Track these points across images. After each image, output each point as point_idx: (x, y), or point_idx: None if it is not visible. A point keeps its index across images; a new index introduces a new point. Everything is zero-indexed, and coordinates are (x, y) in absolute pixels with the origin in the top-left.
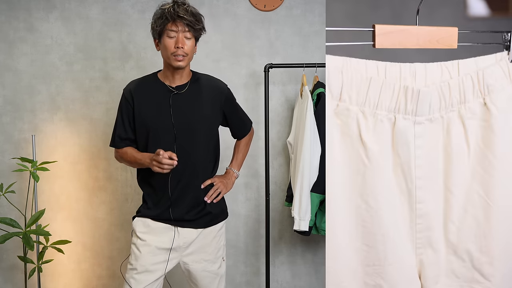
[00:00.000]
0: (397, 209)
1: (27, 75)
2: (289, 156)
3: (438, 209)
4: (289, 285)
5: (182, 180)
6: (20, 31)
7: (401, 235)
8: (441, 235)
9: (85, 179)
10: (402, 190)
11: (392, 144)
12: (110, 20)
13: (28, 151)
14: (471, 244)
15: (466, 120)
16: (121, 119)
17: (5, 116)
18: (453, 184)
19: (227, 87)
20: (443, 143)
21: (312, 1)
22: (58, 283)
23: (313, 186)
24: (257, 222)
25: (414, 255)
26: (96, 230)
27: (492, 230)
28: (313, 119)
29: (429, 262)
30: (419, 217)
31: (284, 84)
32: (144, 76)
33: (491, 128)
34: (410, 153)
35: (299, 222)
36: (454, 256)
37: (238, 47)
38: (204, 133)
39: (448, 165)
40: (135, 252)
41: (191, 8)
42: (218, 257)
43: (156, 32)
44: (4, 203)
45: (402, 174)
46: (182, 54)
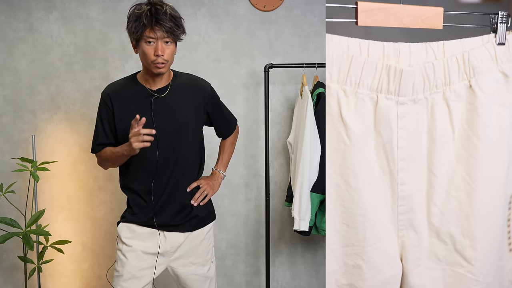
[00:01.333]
0: (378, 190)
1: (27, 75)
2: (289, 156)
3: (421, 191)
4: (289, 285)
5: (167, 185)
6: (20, 31)
7: (382, 216)
8: (424, 217)
9: (85, 179)
10: (384, 171)
11: (375, 124)
12: (110, 20)
13: (28, 151)
14: (454, 227)
15: (451, 102)
16: (101, 125)
17: (5, 116)
18: (436, 167)
19: (210, 86)
20: (427, 124)
21: (312, 1)
22: (58, 283)
23: (313, 186)
24: (257, 222)
25: (396, 237)
26: (96, 230)
27: (475, 214)
28: (313, 119)
29: (411, 244)
30: (401, 199)
31: (284, 84)
32: (122, 79)
33: (476, 110)
34: (393, 134)
35: (299, 222)
36: (436, 239)
37: (238, 47)
38: (189, 135)
39: (432, 147)
40: (121, 258)
41: (170, 9)
42: (207, 260)
43: (132, 37)
44: (4, 203)
45: (384, 154)
46: (162, 62)
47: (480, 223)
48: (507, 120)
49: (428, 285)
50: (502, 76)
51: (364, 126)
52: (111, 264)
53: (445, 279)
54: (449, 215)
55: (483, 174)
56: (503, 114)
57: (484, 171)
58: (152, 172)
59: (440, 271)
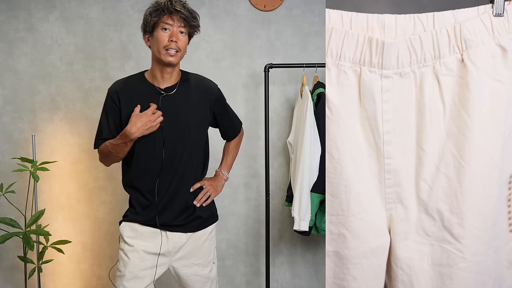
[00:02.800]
0: (363, 162)
1: (27, 75)
2: (289, 156)
3: (409, 166)
4: (289, 285)
5: (171, 184)
6: (20, 31)
7: (367, 188)
8: (412, 192)
9: (85, 179)
10: (370, 143)
11: (359, 96)
12: (110, 20)
13: (28, 151)
14: (442, 204)
15: (441, 77)
16: (106, 121)
17: (5, 116)
18: (425, 142)
19: (218, 87)
20: (416, 99)
21: (312, 1)
22: (58, 283)
23: (313, 186)
24: (257, 222)
25: (384, 210)
26: (96, 230)
27: (464, 192)
28: (313, 119)
29: (399, 218)
30: (388, 172)
31: (284, 84)
32: (130, 76)
33: (467, 86)
34: (377, 107)
35: (299, 222)
36: (425, 214)
37: (238, 47)
38: (194, 135)
39: (421, 122)
40: (123, 258)
41: (188, 5)
42: (209, 261)
43: (149, 25)
44: (4, 203)
45: (369, 127)
46: (175, 49)
47: (469, 201)
48: (503, 96)
49: (414, 258)
50: (499, 50)
51: (347, 98)
52: (111, 264)
53: (433, 254)
54: (438, 191)
55: (474, 152)
56: (499, 89)
57: (474, 149)
58: (157, 171)
59: (428, 246)
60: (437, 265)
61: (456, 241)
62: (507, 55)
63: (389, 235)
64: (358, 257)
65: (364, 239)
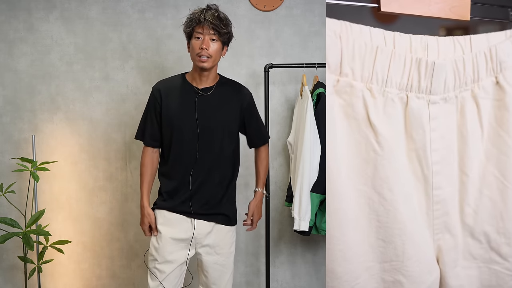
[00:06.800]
0: (413, 199)
1: (27, 75)
2: (289, 156)
3: (454, 193)
4: (289, 285)
5: (200, 175)
6: (20, 31)
7: (419, 224)
8: (458, 218)
9: (85, 179)
10: (418, 177)
11: (405, 127)
12: (110, 20)
13: (28, 151)
14: (488, 226)
15: (480, 100)
16: (149, 116)
17: (5, 116)
18: (468, 167)
19: (250, 94)
20: (457, 124)
21: (312, 1)
22: (58, 283)
23: (313, 186)
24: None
25: (432, 242)
26: (96, 230)
27: (509, 211)
28: (313, 119)
29: (447, 247)
30: (436, 203)
31: (284, 84)
32: (172, 76)
33: (505, 106)
34: (426, 137)
35: (299, 222)
36: (470, 238)
37: (238, 47)
38: (225, 134)
39: (463, 147)
40: (153, 243)
41: (220, 13)
42: (230, 252)
43: (186, 35)
44: (4, 203)
45: (417, 160)
46: (206, 56)
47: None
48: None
49: (465, 284)
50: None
51: (395, 130)
52: (111, 264)
53: (481, 276)
54: (482, 214)
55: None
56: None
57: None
58: (191, 163)
59: (476, 269)
60: (486, 286)
61: (505, 261)
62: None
63: (438, 266)
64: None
65: (420, 281)
